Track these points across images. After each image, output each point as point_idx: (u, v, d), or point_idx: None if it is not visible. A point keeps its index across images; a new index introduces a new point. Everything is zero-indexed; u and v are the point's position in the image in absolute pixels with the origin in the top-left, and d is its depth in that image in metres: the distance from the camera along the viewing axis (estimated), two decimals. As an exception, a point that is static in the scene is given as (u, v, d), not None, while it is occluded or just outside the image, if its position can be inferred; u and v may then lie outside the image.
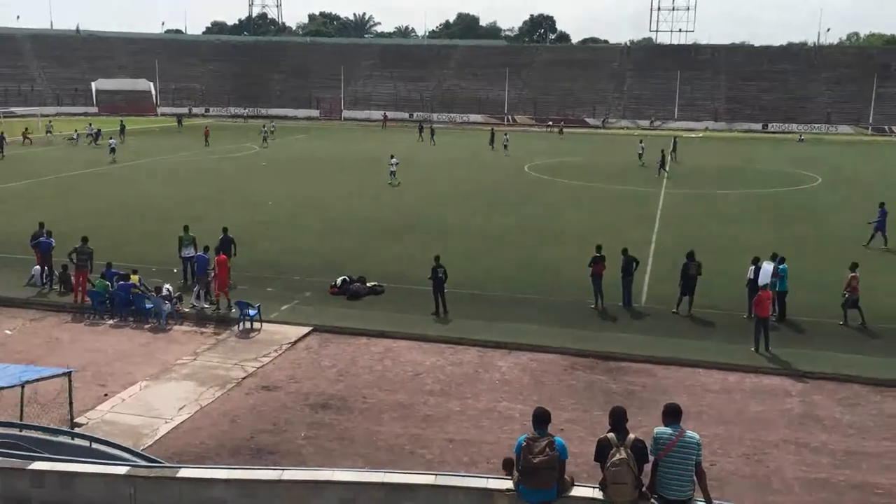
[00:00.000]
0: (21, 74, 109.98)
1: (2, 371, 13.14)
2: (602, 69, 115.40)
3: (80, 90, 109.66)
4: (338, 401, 16.69)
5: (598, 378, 18.13)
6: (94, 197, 40.12)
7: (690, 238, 31.35)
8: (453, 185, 46.15)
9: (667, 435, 7.83)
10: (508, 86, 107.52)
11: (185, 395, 16.78)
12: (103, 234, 28.17)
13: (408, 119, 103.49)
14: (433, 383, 17.69)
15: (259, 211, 36.78)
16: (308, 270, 26.13)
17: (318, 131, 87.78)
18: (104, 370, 18.09)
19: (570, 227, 33.88)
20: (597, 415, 15.73)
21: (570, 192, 44.73)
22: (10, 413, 13.31)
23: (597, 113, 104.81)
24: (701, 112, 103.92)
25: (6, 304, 22.77)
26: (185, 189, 42.99)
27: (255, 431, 15.28)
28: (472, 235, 31.98)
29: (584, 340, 20.23)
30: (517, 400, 16.78)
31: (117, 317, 21.85)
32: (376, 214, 36.30)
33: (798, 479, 13.79)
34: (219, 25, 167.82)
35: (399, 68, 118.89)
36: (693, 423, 13.58)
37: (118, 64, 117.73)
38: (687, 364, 18.86)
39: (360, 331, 20.88)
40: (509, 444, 13.84)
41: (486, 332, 20.74)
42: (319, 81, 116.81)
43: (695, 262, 22.36)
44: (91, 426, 14.81)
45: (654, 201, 40.99)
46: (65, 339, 20.28)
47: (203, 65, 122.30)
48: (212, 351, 19.56)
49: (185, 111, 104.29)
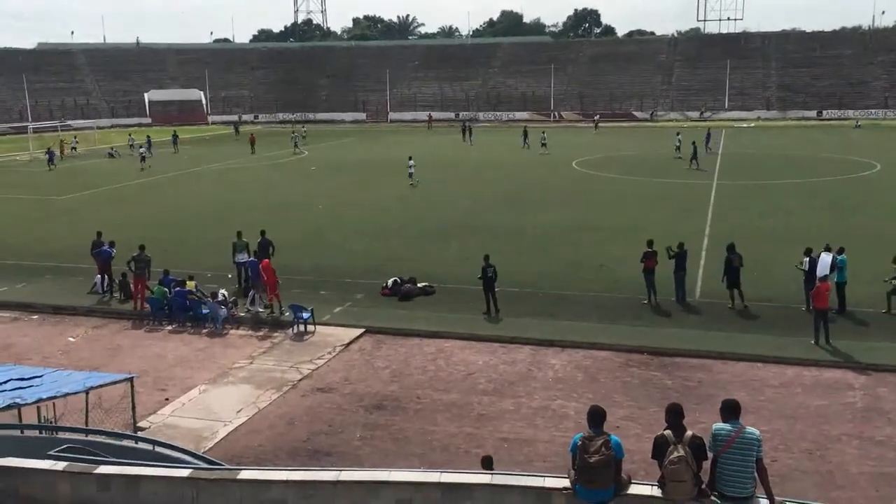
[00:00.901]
0: (77, 88, 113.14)
1: (67, 378, 13.53)
2: (649, 61, 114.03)
3: (134, 101, 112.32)
4: (392, 401, 16.80)
5: (653, 374, 17.93)
6: (147, 206, 41.05)
7: (744, 230, 30.85)
8: (501, 183, 46.08)
9: (725, 431, 7.71)
10: (554, 82, 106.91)
11: (242, 399, 17.08)
12: (158, 242, 28.79)
13: (453, 119, 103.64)
14: (486, 382, 17.69)
15: (309, 215, 37.21)
16: (359, 273, 26.35)
17: (364, 134, 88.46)
18: (164, 375, 18.51)
19: (621, 223, 33.54)
20: (653, 411, 15.55)
21: (620, 187, 44.28)
22: (75, 418, 13.69)
23: (644, 106, 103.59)
24: (752, 101, 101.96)
25: (70, 313, 23.47)
26: (237, 196, 43.71)
27: (311, 433, 15.47)
28: (522, 233, 31.88)
29: (638, 336, 20.02)
30: (571, 398, 16.68)
31: (175, 323, 22.33)
32: (425, 215, 36.42)
33: (863, 474, 13.44)
34: (265, 33, 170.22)
35: (443, 68, 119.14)
36: (752, 419, 13.36)
37: (169, 75, 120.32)
38: (744, 358, 18.53)
39: (413, 331, 20.99)
40: (563, 442, 13.79)
41: (539, 330, 20.66)
42: (365, 84, 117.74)
43: (737, 255, 22.00)
44: (153, 430, 15.17)
45: (705, 193, 40.34)
46: (126, 346, 20.80)
47: (251, 72, 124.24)
48: (267, 354, 19.87)
49: (236, 119, 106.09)
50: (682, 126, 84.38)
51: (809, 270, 20.99)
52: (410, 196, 42.03)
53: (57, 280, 26.52)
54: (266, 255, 23.81)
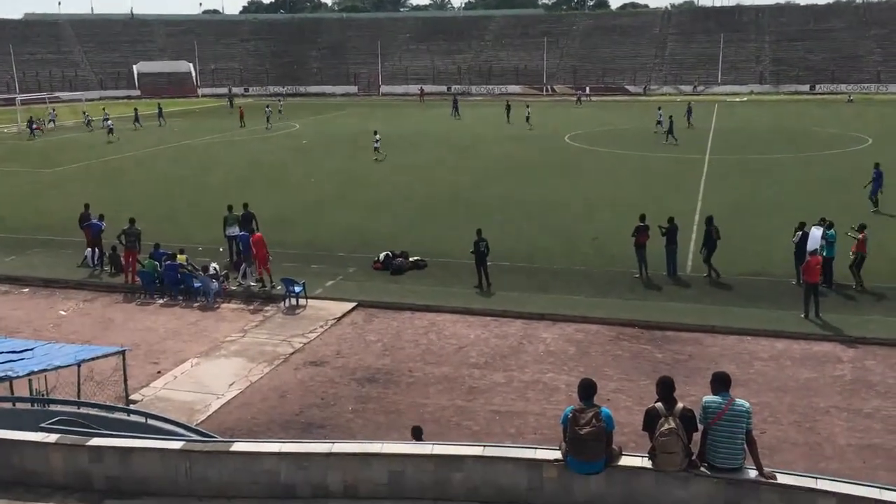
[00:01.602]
0: (65, 60, 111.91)
1: (58, 351, 13.52)
2: (643, 35, 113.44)
3: (123, 73, 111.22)
4: (384, 375, 16.86)
5: (643, 348, 18.03)
6: (136, 179, 40.78)
7: (736, 204, 30.92)
8: (492, 158, 45.93)
9: (716, 404, 7.76)
10: (547, 55, 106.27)
11: (235, 372, 17.11)
12: (148, 216, 28.67)
13: (445, 92, 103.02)
14: (478, 356, 17.76)
15: (300, 188, 37.06)
16: (351, 247, 26.32)
17: (356, 107, 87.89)
18: (156, 348, 18.51)
19: (613, 197, 33.53)
20: (643, 384, 15.67)
21: (612, 161, 44.21)
22: (67, 391, 13.70)
23: (637, 80, 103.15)
24: (745, 75, 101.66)
25: (61, 286, 23.40)
26: (228, 169, 43.45)
27: (304, 406, 15.53)
28: (515, 208, 31.84)
29: (630, 310, 20.11)
30: (562, 371, 16.78)
31: (167, 296, 22.29)
32: (417, 189, 36.32)
33: (851, 446, 13.59)
34: (255, 4, 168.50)
35: (435, 41, 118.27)
36: (742, 391, 13.45)
37: (158, 47, 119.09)
38: (734, 332, 18.65)
39: (405, 305, 21.01)
40: (555, 415, 13.87)
41: (531, 303, 20.72)
42: (356, 57, 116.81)
43: (715, 227, 22.20)
44: (146, 403, 15.19)
45: (698, 168, 40.32)
46: (117, 319, 20.77)
47: (241, 44, 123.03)
48: (259, 328, 19.88)
49: (226, 91, 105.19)
50: (674, 100, 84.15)
51: (800, 244, 21.06)
52: (401, 170, 41.87)
53: (47, 253, 26.40)
54: (249, 228, 23.86)
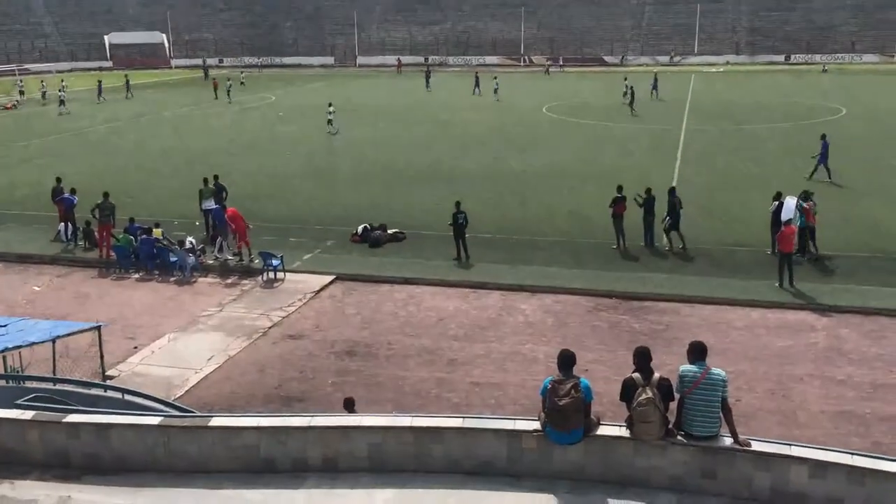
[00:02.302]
0: (33, 31, 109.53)
1: (33, 327, 13.38)
2: (620, 5, 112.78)
3: (94, 45, 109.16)
4: (363, 347, 16.87)
5: (621, 318, 18.15)
6: (109, 152, 40.19)
7: (713, 175, 31.10)
8: (468, 128, 45.75)
9: (692, 373, 7.83)
10: (524, 26, 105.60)
11: (213, 346, 17.03)
12: (122, 189, 28.31)
13: (423, 63, 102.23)
14: (457, 328, 17.81)
15: (276, 161, 36.74)
16: (329, 220, 26.18)
17: (332, 79, 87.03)
18: (132, 323, 18.37)
19: (590, 169, 33.57)
20: (621, 354, 15.79)
21: (588, 132, 44.19)
22: (42, 367, 13.58)
23: (615, 51, 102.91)
24: (721, 46, 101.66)
25: (34, 262, 23.12)
26: (202, 142, 42.97)
27: (283, 380, 15.51)
28: (493, 179, 31.78)
29: (607, 281, 20.23)
30: (541, 342, 16.87)
31: (143, 271, 22.09)
32: (394, 162, 36.12)
33: (825, 413, 13.82)
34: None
35: (413, 12, 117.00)
36: (718, 360, 13.55)
37: (131, 17, 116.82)
38: (711, 302, 18.83)
39: (383, 278, 20.98)
40: (534, 385, 13.95)
41: (509, 275, 20.76)
42: (333, 28, 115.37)
43: (678, 198, 22.38)
44: (122, 378, 15.09)
45: (674, 139, 40.44)
46: (92, 294, 20.56)
47: (216, 15, 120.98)
48: (237, 302, 19.77)
49: (202, 62, 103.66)
50: (652, 70, 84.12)
51: (776, 214, 21.24)
52: (379, 141, 41.60)
53: (20, 228, 26.03)
54: (220, 201, 23.75)
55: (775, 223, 21.15)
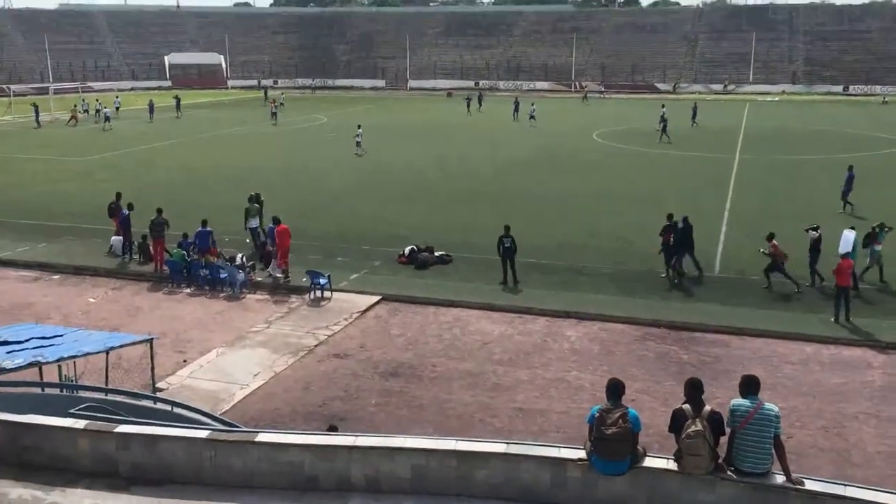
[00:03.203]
0: (97, 50, 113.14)
1: (88, 337, 13.66)
2: (673, 32, 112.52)
3: (154, 64, 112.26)
4: (407, 369, 16.87)
5: (669, 348, 17.88)
6: (160, 170, 41.11)
7: (766, 204, 30.57)
8: (519, 152, 45.78)
9: (744, 407, 7.66)
10: (576, 52, 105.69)
11: (259, 362, 17.21)
12: (176, 205, 28.89)
13: (473, 87, 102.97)
14: (502, 352, 17.71)
15: (326, 180, 37.18)
16: (376, 239, 26.35)
17: (383, 101, 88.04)
18: (182, 337, 18.66)
19: (640, 195, 33.28)
20: (669, 385, 15.55)
21: (639, 159, 43.89)
22: (96, 378, 13.85)
23: (667, 78, 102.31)
24: (777, 74, 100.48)
25: (90, 274, 23.67)
26: (254, 160, 43.71)
27: (327, 398, 15.58)
28: (540, 202, 31.71)
29: (655, 310, 19.95)
30: (587, 370, 16.68)
31: (194, 285, 22.46)
32: (442, 182, 36.29)
33: (880, 454, 13.38)
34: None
35: (464, 36, 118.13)
36: (769, 395, 13.30)
37: (190, 38, 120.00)
38: (762, 334, 18.43)
39: (429, 300, 21.00)
40: (579, 413, 13.83)
41: (555, 301, 20.62)
42: (385, 51, 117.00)
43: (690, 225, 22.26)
44: (172, 391, 15.31)
45: (727, 167, 39.93)
46: (145, 307, 20.96)
47: (271, 37, 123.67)
48: (284, 319, 19.97)
49: (255, 83, 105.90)
50: (704, 99, 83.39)
51: (813, 246, 21.14)
52: (427, 163, 41.86)
53: (77, 241, 26.71)
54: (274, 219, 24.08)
55: (813, 254, 21.10)
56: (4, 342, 12.46)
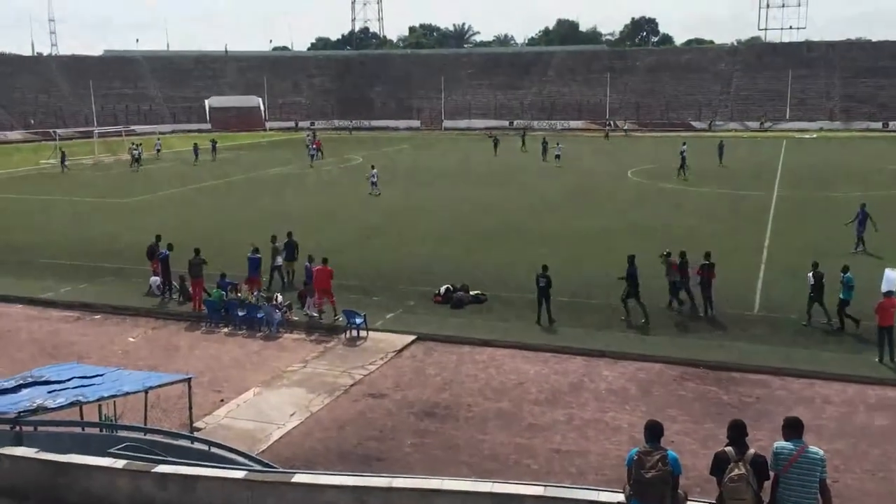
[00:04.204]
0: (140, 95, 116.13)
1: (127, 377, 13.83)
2: (708, 70, 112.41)
3: (194, 108, 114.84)
4: (443, 409, 16.79)
5: (708, 389, 17.58)
6: (198, 211, 41.81)
7: (805, 242, 30.12)
8: (554, 191, 45.81)
9: (788, 450, 7.50)
10: (610, 90, 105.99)
11: (295, 402, 17.25)
12: (214, 246, 29.29)
13: (508, 127, 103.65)
14: (538, 392, 17.56)
15: (361, 219, 37.48)
16: (411, 279, 26.43)
17: (418, 142, 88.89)
18: (220, 376, 18.81)
19: (678, 233, 33.01)
20: (708, 427, 15.27)
21: (676, 196, 43.64)
22: (135, 417, 13.99)
23: (702, 115, 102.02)
24: (814, 112, 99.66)
25: (130, 313, 24.03)
26: (289, 200, 44.27)
27: (362, 438, 15.54)
28: (576, 241, 31.62)
29: (694, 349, 19.68)
30: (624, 410, 16.46)
31: (231, 325, 22.68)
32: (478, 221, 36.37)
33: (930, 499, 12.96)
34: (323, 41, 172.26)
35: (498, 76, 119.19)
36: (813, 438, 12.97)
37: (229, 82, 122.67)
38: (804, 375, 18.05)
39: (464, 339, 20.95)
40: (617, 455, 13.62)
41: (591, 340, 20.45)
42: (419, 92, 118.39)
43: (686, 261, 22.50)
44: (209, 431, 15.40)
45: (765, 205, 39.53)
46: (183, 347, 21.19)
47: (308, 80, 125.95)
48: (320, 358, 20.04)
49: (292, 125, 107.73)
50: (741, 136, 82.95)
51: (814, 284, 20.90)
52: (461, 202, 42.05)
53: (118, 281, 27.18)
54: (292, 257, 25.44)
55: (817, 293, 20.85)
56: (46, 381, 12.67)
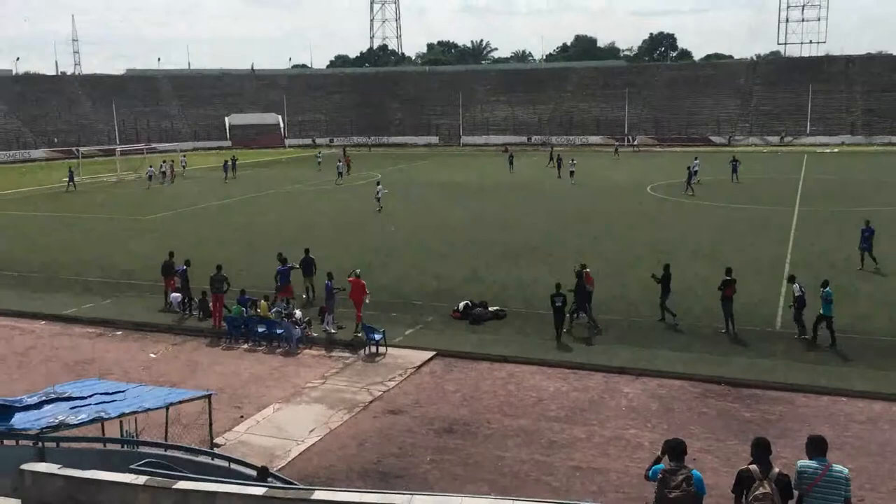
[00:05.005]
0: (161, 113, 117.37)
1: (148, 393, 13.91)
2: (727, 85, 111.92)
3: (215, 125, 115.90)
4: (462, 425, 16.73)
5: (731, 406, 17.40)
6: (218, 228, 42.08)
7: (827, 259, 29.84)
8: (572, 206, 45.75)
9: (812, 468, 7.41)
10: (628, 106, 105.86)
11: (314, 418, 17.26)
12: (234, 262, 29.49)
13: (526, 143, 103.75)
14: (557, 409, 17.47)
15: (379, 235, 37.58)
16: (430, 295, 26.44)
17: (436, 158, 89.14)
18: (239, 392, 18.87)
19: (698, 248, 32.83)
20: (731, 444, 15.12)
21: (697, 211, 43.43)
22: (156, 433, 14.05)
23: (722, 131, 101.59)
24: (835, 126, 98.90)
25: (151, 330, 24.20)
26: (308, 217, 44.49)
27: (381, 455, 15.51)
28: (594, 257, 31.46)
29: (715, 366, 19.50)
30: (646, 428, 16.33)
31: (251, 341, 22.77)
32: (496, 237, 36.35)
33: (959, 519, 12.73)
34: (342, 58, 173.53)
35: (516, 92, 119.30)
36: (837, 456, 12.81)
37: (249, 100, 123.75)
38: (828, 392, 17.83)
39: (483, 356, 20.90)
40: (638, 473, 13.49)
41: (611, 356, 20.33)
42: (437, 108, 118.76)
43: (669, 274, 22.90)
44: (229, 447, 15.43)
45: (786, 220, 39.23)
46: (203, 363, 21.29)
47: (327, 97, 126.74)
48: (339, 375, 20.05)
49: (310, 142, 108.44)
50: (761, 151, 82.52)
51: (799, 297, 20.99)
52: (479, 218, 42.07)
53: (139, 297, 27.38)
54: (310, 273, 25.64)
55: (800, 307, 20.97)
56: (69, 398, 12.77)
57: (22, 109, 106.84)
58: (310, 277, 26.19)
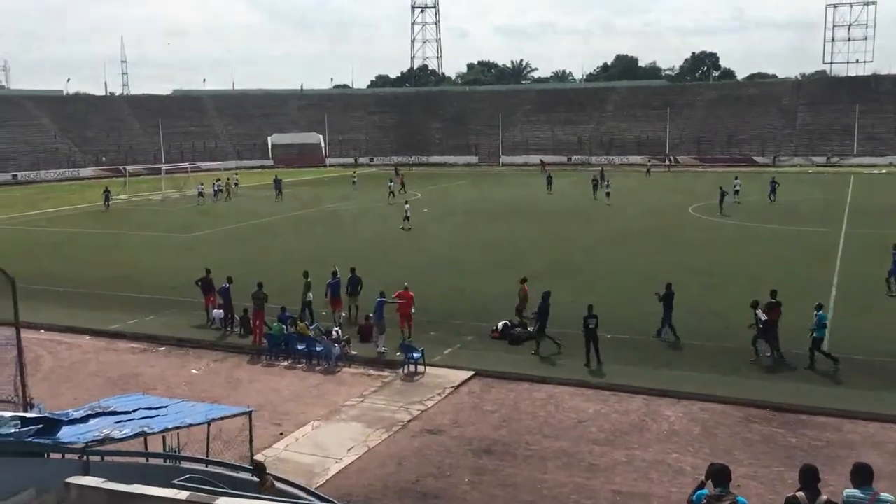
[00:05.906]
0: (206, 132, 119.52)
1: (191, 409, 14.05)
2: (771, 105, 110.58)
3: (258, 144, 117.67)
4: (501, 446, 16.63)
5: (776, 431, 17.05)
6: (260, 245, 42.57)
7: (876, 282, 29.17)
8: (612, 227, 45.45)
9: (858, 498, 7.23)
10: (670, 126, 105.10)
11: (353, 437, 17.29)
12: (276, 280, 29.76)
13: (566, 162, 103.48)
14: (598, 431, 17.28)
15: (418, 255, 37.69)
16: (469, 314, 26.40)
17: (476, 177, 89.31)
18: (279, 410, 18.99)
19: (742, 270, 32.34)
20: (777, 470, 14.79)
21: (741, 232, 42.88)
22: (197, 448, 14.18)
23: (766, 151, 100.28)
24: (883, 146, 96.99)
25: (193, 346, 24.52)
26: (349, 236, 44.83)
27: (420, 475, 15.47)
28: (634, 278, 31.20)
29: (759, 390, 19.14)
30: (688, 452, 16.06)
31: (291, 358, 22.94)
32: (535, 256, 36.22)
33: None
34: (383, 79, 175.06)
35: (556, 112, 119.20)
36: (886, 485, 12.46)
37: (291, 119, 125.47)
38: (877, 418, 17.38)
39: (523, 376, 20.79)
40: (680, 499, 13.25)
41: (652, 379, 20.07)
42: (477, 128, 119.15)
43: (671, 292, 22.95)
44: (268, 464, 15.42)
45: (833, 242, 38.51)
46: (244, 379, 21.49)
47: (367, 117, 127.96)
48: (378, 393, 20.09)
49: (352, 161, 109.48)
50: (806, 171, 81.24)
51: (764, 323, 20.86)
52: (517, 238, 41.98)
53: (181, 314, 27.77)
54: (356, 292, 25.84)
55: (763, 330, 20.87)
56: (113, 412, 12.95)
57: (72, 129, 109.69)
58: (355, 297, 26.28)
